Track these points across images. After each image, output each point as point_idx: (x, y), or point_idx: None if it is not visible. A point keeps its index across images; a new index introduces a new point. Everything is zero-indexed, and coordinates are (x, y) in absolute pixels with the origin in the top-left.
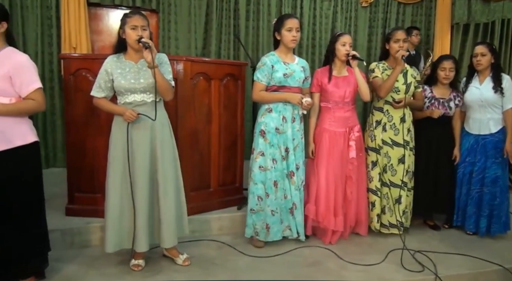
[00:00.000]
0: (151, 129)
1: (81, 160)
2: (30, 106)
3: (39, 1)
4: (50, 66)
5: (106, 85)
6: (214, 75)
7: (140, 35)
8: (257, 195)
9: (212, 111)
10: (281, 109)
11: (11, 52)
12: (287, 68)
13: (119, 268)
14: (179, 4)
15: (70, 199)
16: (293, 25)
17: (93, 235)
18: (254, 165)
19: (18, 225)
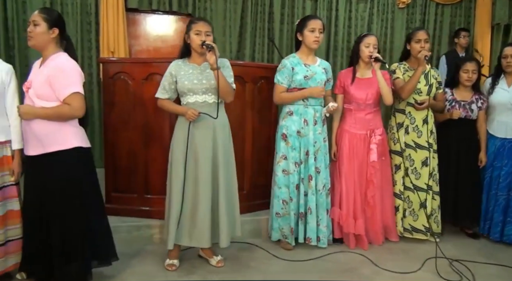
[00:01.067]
0: (213, 129)
1: (118, 161)
2: (64, 111)
3: (79, 7)
4: (89, 70)
5: (170, 87)
6: (248, 78)
7: (204, 40)
8: (282, 199)
9: (245, 114)
10: (302, 112)
11: (57, 57)
12: (307, 70)
13: (154, 267)
14: (214, 9)
15: (108, 199)
16: (316, 26)
17: (129, 234)
18: (278, 169)
19: (58, 228)
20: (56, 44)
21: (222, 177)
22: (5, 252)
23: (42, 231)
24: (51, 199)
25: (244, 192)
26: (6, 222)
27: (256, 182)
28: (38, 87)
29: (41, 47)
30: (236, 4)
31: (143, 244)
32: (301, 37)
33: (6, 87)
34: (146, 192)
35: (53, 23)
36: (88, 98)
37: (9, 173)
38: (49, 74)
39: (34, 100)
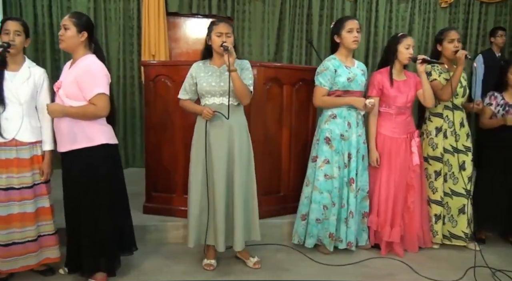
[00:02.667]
0: (229, 130)
1: (159, 161)
2: (90, 110)
3: (122, 12)
4: (131, 73)
5: (191, 88)
6: (286, 80)
7: (224, 41)
8: (323, 204)
9: (283, 116)
10: (345, 115)
11: (85, 58)
12: (349, 72)
13: (192, 267)
14: (253, 11)
15: (148, 198)
16: (353, 26)
17: (168, 233)
18: (319, 173)
19: (88, 222)
20: (85, 46)
21: (237, 178)
22: (39, 247)
23: (75, 226)
24: (81, 194)
25: (280, 194)
26: (38, 218)
27: (293, 185)
28: (67, 87)
29: (71, 50)
30: (274, 6)
31: (181, 243)
32: (339, 39)
33: (38, 90)
34: (185, 192)
35: (83, 27)
36: (129, 100)
37: (39, 172)
38: (77, 75)
39: (63, 99)
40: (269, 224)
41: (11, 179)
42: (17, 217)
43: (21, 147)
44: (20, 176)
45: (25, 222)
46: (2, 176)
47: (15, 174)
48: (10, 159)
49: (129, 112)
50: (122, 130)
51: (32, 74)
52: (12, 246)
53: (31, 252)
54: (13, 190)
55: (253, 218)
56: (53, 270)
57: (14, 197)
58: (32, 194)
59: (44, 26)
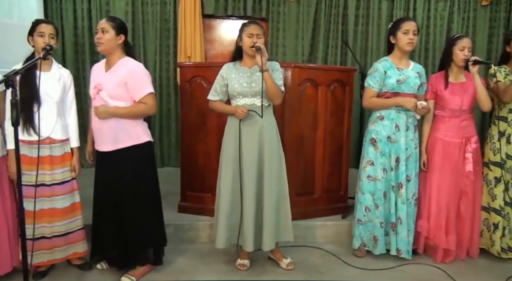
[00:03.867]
0: (259, 130)
1: (194, 161)
2: (141, 109)
3: (159, 15)
4: (167, 74)
5: (221, 89)
6: (321, 81)
7: (255, 42)
8: (365, 206)
9: (318, 117)
10: (394, 117)
11: (127, 61)
12: (400, 74)
13: (226, 266)
14: (287, 12)
15: (183, 197)
16: (410, 28)
17: (202, 232)
18: (363, 175)
19: (135, 216)
20: (121, 49)
21: (267, 178)
22: (65, 242)
23: (115, 222)
24: (127, 191)
25: (314, 196)
26: (67, 214)
27: (328, 187)
28: (111, 89)
29: (109, 52)
30: (309, 7)
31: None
32: (394, 40)
33: (67, 90)
34: None
35: (120, 30)
36: (165, 101)
37: (70, 169)
38: (124, 77)
39: (106, 100)
40: (302, 225)
41: (43, 176)
42: (47, 213)
43: (54, 145)
44: (52, 173)
45: (54, 217)
46: (33, 174)
47: (48, 171)
48: (43, 156)
49: (165, 112)
50: (158, 130)
51: (61, 75)
52: (41, 240)
53: (57, 247)
54: (44, 186)
55: (284, 218)
56: (91, 265)
57: (45, 194)
58: (62, 190)
59: (83, 29)
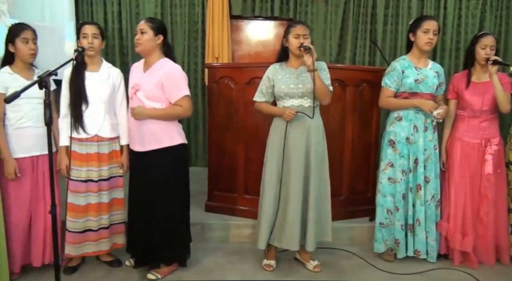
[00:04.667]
0: (307, 131)
1: (221, 161)
2: (177, 112)
3: (187, 16)
4: (195, 75)
5: (267, 91)
6: (349, 82)
7: (302, 42)
8: (386, 208)
9: (346, 118)
10: (412, 118)
11: (165, 62)
12: (418, 74)
13: (252, 266)
14: (315, 12)
15: (210, 197)
16: (430, 27)
17: (229, 232)
18: (383, 177)
19: (165, 216)
20: (160, 50)
21: (313, 179)
22: (110, 234)
23: (147, 222)
24: (158, 191)
25: (341, 198)
26: (111, 208)
27: (355, 188)
28: (148, 89)
29: (147, 53)
30: (337, 6)
31: (241, 242)
32: (414, 38)
33: (116, 89)
34: (246, 192)
35: (158, 31)
36: (193, 101)
37: (118, 166)
38: (161, 79)
39: (143, 101)
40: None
41: (90, 172)
42: (94, 207)
43: (101, 143)
44: (99, 169)
45: (100, 211)
46: (82, 169)
47: (95, 168)
48: (91, 153)
49: (193, 113)
50: (185, 130)
51: (110, 75)
52: (87, 232)
53: (103, 238)
54: (92, 182)
55: (326, 219)
56: (120, 261)
57: (92, 189)
58: (108, 186)
59: (113, 31)
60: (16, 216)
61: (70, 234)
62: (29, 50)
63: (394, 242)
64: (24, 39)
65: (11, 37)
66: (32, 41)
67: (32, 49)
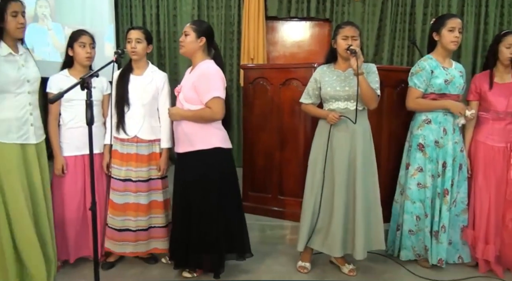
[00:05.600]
0: (352, 135)
1: (255, 161)
2: (206, 114)
3: (223, 18)
4: (230, 76)
5: (314, 93)
6: (387, 83)
7: (350, 44)
8: (416, 215)
9: (383, 120)
10: (441, 120)
11: (204, 63)
12: (447, 74)
13: (286, 268)
14: (352, 13)
15: (244, 197)
16: (455, 25)
17: (263, 232)
18: (411, 182)
19: (198, 220)
20: (203, 52)
21: (359, 184)
22: (148, 237)
23: (184, 223)
24: (191, 194)
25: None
26: (150, 210)
27: (391, 191)
28: (186, 91)
29: (190, 54)
30: (375, 6)
31: (275, 243)
32: (438, 37)
33: (159, 92)
34: (281, 193)
35: (201, 33)
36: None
37: (156, 168)
38: (195, 80)
39: (183, 103)
40: None
41: (129, 172)
42: (132, 207)
43: (141, 144)
44: (137, 170)
45: (138, 212)
46: (121, 169)
47: (134, 168)
48: (131, 154)
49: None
50: None
51: (154, 79)
52: (126, 232)
53: (141, 240)
54: (130, 182)
55: (376, 226)
56: (157, 258)
57: (130, 189)
58: (147, 187)
59: (151, 33)
60: (70, 211)
61: (110, 230)
62: (85, 53)
63: (424, 248)
64: (82, 43)
65: (70, 42)
66: (89, 46)
67: (89, 52)
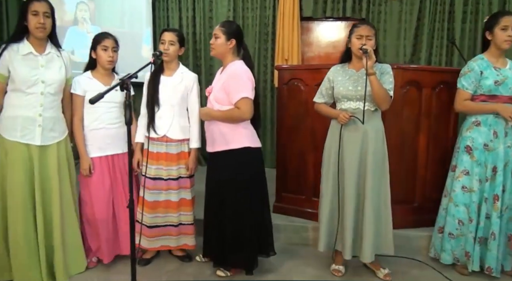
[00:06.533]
0: (363, 134)
1: (289, 162)
2: (235, 114)
3: (258, 19)
4: (264, 77)
5: (327, 92)
6: (426, 83)
7: (363, 43)
8: (458, 219)
9: (421, 122)
10: (491, 123)
11: (233, 64)
12: (498, 75)
13: (319, 270)
14: (389, 12)
15: (278, 198)
16: (509, 23)
17: (296, 234)
18: (456, 185)
19: (230, 219)
20: (233, 53)
21: (369, 185)
22: (178, 232)
23: (218, 222)
24: (223, 192)
25: (415, 205)
26: (180, 208)
27: (430, 196)
28: (216, 91)
29: (221, 56)
30: (412, 5)
31: (308, 245)
32: (490, 36)
33: (188, 93)
34: (315, 195)
35: (231, 35)
36: (262, 103)
37: (185, 167)
38: (225, 80)
39: (213, 103)
40: (402, 235)
41: (159, 170)
42: (162, 204)
43: (170, 143)
44: (167, 168)
45: (168, 209)
46: (152, 167)
47: (164, 167)
48: (161, 152)
49: (262, 114)
50: None
51: (184, 79)
52: (155, 228)
53: (171, 235)
54: (161, 180)
55: (385, 229)
56: (191, 256)
57: (161, 187)
58: (177, 185)
59: (188, 35)
60: (99, 210)
61: (141, 227)
62: (107, 57)
63: (464, 254)
64: (104, 47)
65: (94, 45)
66: (111, 49)
67: (111, 56)
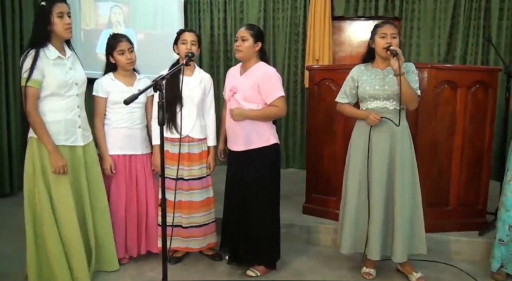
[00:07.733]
0: (391, 136)
1: (319, 163)
2: (273, 112)
3: (289, 20)
4: (295, 77)
5: (351, 92)
6: (461, 83)
7: (389, 43)
8: (508, 224)
9: (456, 122)
10: None
11: (261, 65)
12: None
13: (350, 273)
14: (423, 10)
15: (307, 199)
16: None
17: (326, 235)
18: (508, 189)
19: (256, 216)
20: (257, 55)
21: (399, 186)
22: (203, 234)
23: (238, 220)
24: (252, 190)
25: (448, 208)
26: (203, 207)
27: (464, 199)
28: (246, 91)
29: (247, 58)
30: (447, 2)
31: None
32: None
33: (206, 93)
34: None
35: (258, 38)
36: (292, 103)
37: (207, 166)
38: (257, 81)
39: (240, 102)
40: (434, 239)
41: (181, 171)
42: (184, 205)
43: (192, 143)
44: (189, 168)
45: (191, 209)
46: (173, 168)
47: (186, 167)
48: (182, 153)
49: (291, 114)
50: (283, 132)
51: (202, 79)
52: (178, 228)
53: (194, 237)
54: (183, 181)
55: (417, 229)
56: (221, 256)
57: (183, 187)
58: (199, 185)
59: (219, 36)
60: (117, 209)
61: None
62: (126, 60)
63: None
64: (120, 51)
65: (109, 50)
66: (128, 51)
67: (129, 58)
